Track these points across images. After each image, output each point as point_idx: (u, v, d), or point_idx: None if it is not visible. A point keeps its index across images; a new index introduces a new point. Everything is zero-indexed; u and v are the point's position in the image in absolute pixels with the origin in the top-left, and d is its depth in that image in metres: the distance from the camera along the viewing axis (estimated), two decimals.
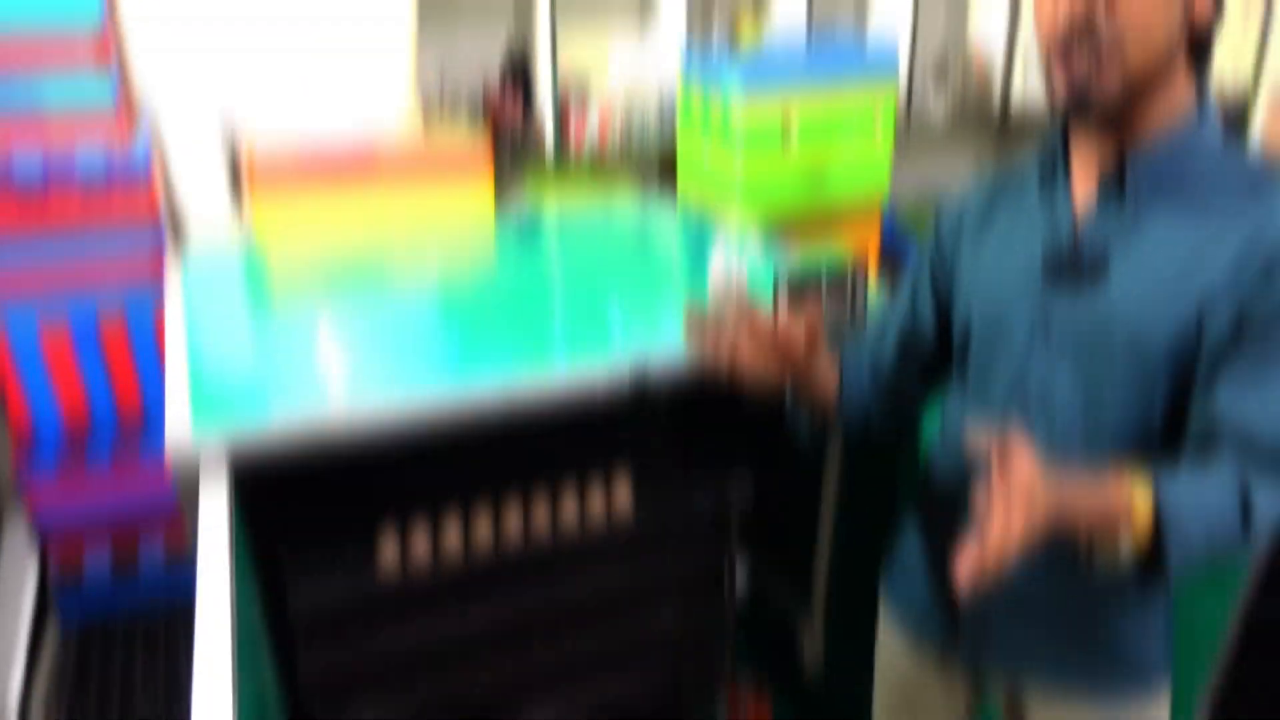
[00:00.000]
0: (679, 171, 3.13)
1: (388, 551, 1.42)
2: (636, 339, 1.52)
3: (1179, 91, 0.96)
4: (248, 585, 1.19)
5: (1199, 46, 0.96)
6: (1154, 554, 0.89)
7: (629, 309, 1.68)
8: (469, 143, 2.40)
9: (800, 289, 1.50)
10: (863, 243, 2.98)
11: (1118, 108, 0.94)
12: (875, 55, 2.82)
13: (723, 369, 1.18)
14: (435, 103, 3.07)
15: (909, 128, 3.75)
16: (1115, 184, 0.98)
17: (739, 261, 1.67)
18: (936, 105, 3.71)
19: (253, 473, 1.23)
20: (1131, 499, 0.88)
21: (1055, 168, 1.05)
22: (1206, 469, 0.93)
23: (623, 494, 1.60)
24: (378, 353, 1.50)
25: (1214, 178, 0.96)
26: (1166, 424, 1.01)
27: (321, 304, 1.75)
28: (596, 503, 1.57)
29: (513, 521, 1.51)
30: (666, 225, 2.31)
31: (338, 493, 1.62)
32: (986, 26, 3.73)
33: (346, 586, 1.39)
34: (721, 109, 2.70)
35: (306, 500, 1.59)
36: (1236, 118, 3.18)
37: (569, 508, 1.55)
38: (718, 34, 3.38)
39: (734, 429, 2.14)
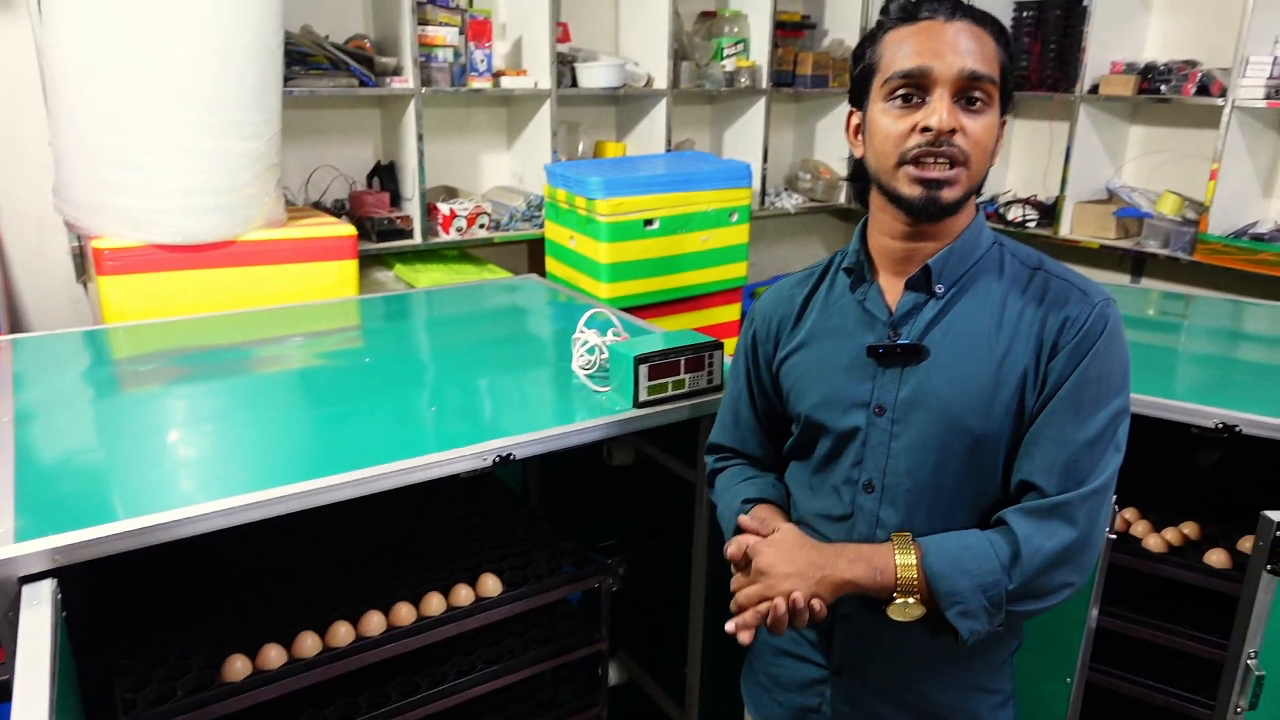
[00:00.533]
0: (547, 257, 3.20)
1: (236, 664, 1.32)
2: (503, 421, 1.50)
3: (971, 201, 1.12)
4: (72, 715, 1.08)
5: None
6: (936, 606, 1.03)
7: (496, 390, 1.67)
8: (334, 228, 2.37)
9: (661, 362, 1.55)
10: (723, 317, 3.16)
11: (956, 210, 1.07)
12: (731, 166, 3.04)
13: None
14: (301, 201, 3.03)
15: (766, 221, 4.08)
16: (924, 278, 1.11)
17: (600, 337, 1.69)
18: (788, 203, 3.98)
19: (82, 584, 1.13)
20: (897, 562, 1.04)
21: (863, 268, 1.16)
22: (972, 532, 1.07)
23: (490, 586, 1.55)
24: (230, 447, 1.42)
25: (996, 267, 1.12)
26: (1000, 489, 1.11)
27: (170, 394, 1.65)
28: (462, 597, 1.52)
29: (373, 622, 1.43)
30: (534, 305, 2.32)
31: (178, 604, 1.51)
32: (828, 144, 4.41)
33: (187, 707, 1.28)
34: (587, 204, 2.81)
35: (142, 613, 1.48)
36: (1049, 212, 3.67)
37: (434, 604, 1.49)
38: (582, 148, 3.56)
39: (605, 513, 2.15)
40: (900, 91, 1.04)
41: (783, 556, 1.07)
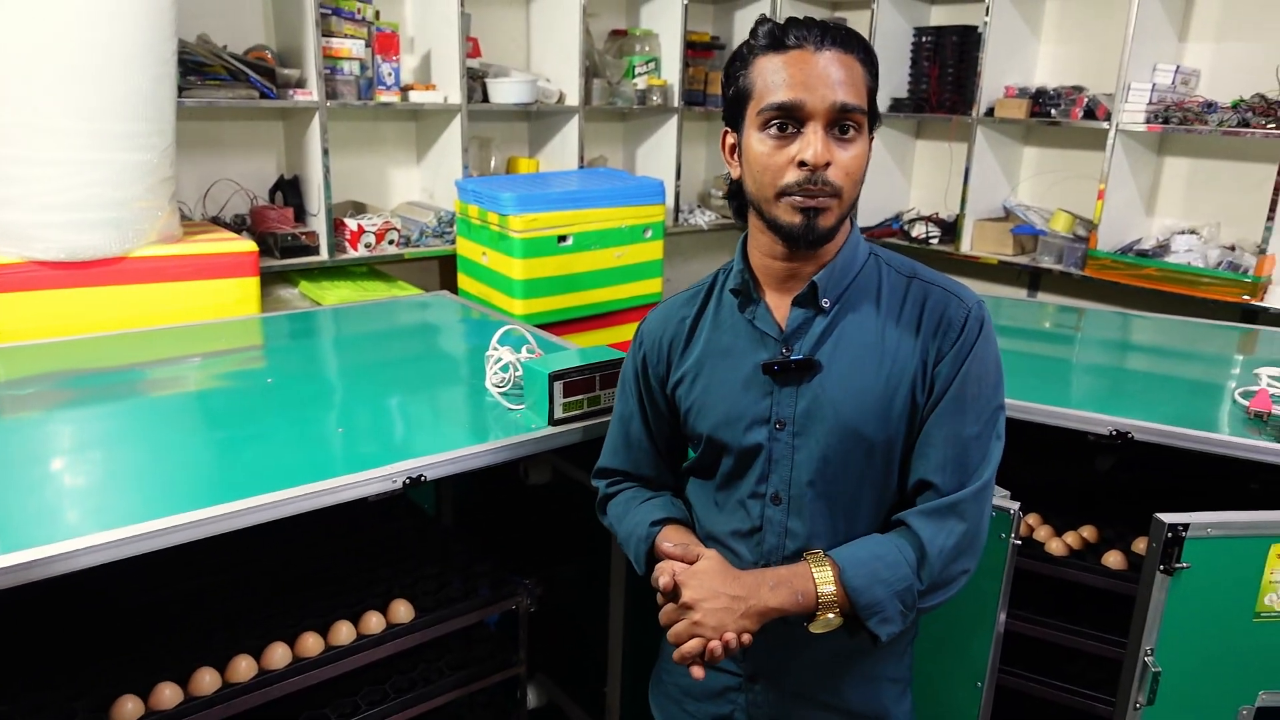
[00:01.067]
0: (459, 274, 3.15)
1: (126, 705, 1.24)
2: (414, 441, 1.45)
3: (847, 221, 1.17)
4: None
5: None
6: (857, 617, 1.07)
7: (407, 409, 1.62)
8: (233, 244, 2.28)
9: (576, 379, 1.53)
10: None
11: (833, 235, 1.11)
12: (644, 182, 3.06)
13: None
14: (199, 216, 2.91)
15: (680, 237, 4.15)
16: (811, 295, 1.14)
17: (514, 354, 1.67)
18: (701, 219, 4.03)
19: None
20: (816, 579, 1.07)
21: (750, 288, 1.18)
22: (878, 537, 1.12)
23: (402, 612, 1.50)
24: (120, 475, 1.34)
25: (875, 279, 1.16)
26: (900, 490, 1.15)
27: (55, 419, 1.55)
28: (373, 625, 1.47)
29: (278, 655, 1.37)
30: (446, 322, 2.28)
31: (65, 645, 1.41)
32: None
33: None
34: (500, 220, 2.77)
35: (24, 657, 1.38)
36: (951, 230, 3.79)
37: (343, 633, 1.43)
38: (494, 163, 3.53)
39: (522, 532, 2.11)
40: (775, 122, 1.06)
41: (708, 589, 1.08)
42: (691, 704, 1.27)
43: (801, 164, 1.05)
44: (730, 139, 1.15)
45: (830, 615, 1.06)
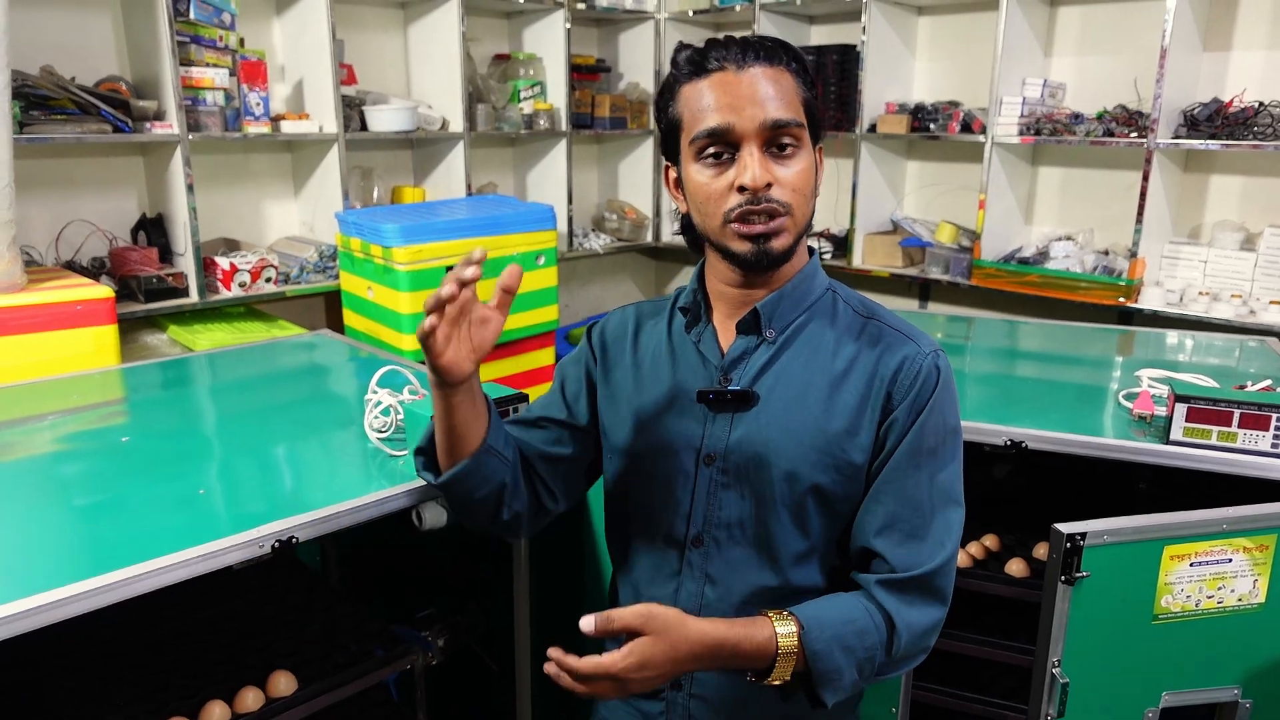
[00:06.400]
0: (345, 310, 3.01)
1: None
2: (286, 499, 1.34)
3: (804, 244, 1.10)
4: None
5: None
6: (811, 680, 0.96)
7: (280, 463, 1.50)
8: (86, 290, 2.10)
9: None
10: (537, 363, 3.09)
11: (789, 257, 1.05)
12: (534, 208, 3.00)
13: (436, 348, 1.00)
14: (51, 261, 2.70)
15: (576, 262, 4.09)
16: (754, 322, 1.08)
17: (395, 396, 1.57)
18: (596, 243, 3.98)
19: None
20: (776, 637, 0.95)
21: (699, 309, 1.13)
22: (851, 599, 1.01)
23: (283, 685, 1.38)
24: None
25: (829, 314, 1.09)
26: (837, 543, 1.08)
27: None
28: (249, 702, 1.34)
29: None
30: (330, 363, 2.15)
31: None
32: (631, 184, 4.46)
33: None
34: (384, 252, 2.66)
35: None
36: (843, 244, 3.86)
37: (215, 715, 1.30)
38: (378, 194, 3.41)
39: (420, 581, 2.00)
40: (709, 151, 1.01)
41: (668, 655, 0.92)
42: None
43: (741, 188, 1.00)
44: (672, 173, 1.10)
45: (784, 679, 0.96)
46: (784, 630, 0.95)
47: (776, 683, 0.96)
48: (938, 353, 1.06)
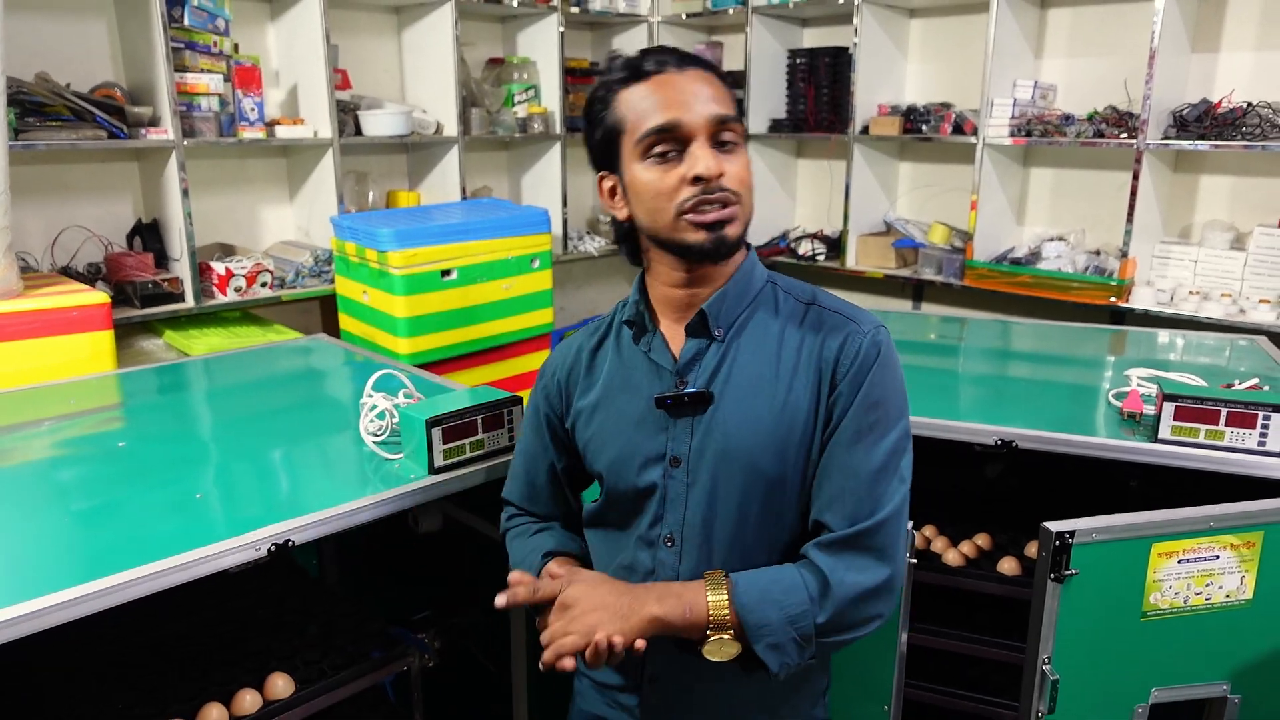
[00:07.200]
0: (340, 314, 3.02)
1: None
2: (282, 502, 1.35)
3: (744, 247, 1.13)
4: None
5: None
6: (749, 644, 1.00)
7: (276, 467, 1.51)
8: (81, 296, 2.11)
9: (455, 423, 1.46)
10: (532, 365, 3.09)
11: (741, 246, 1.08)
12: (528, 212, 3.01)
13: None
14: (47, 267, 2.70)
15: (571, 265, 4.09)
16: (701, 325, 1.10)
17: (390, 400, 1.58)
18: (591, 246, 3.99)
19: None
20: (709, 598, 1.00)
21: (644, 319, 1.15)
22: (787, 565, 1.05)
23: (280, 687, 1.39)
24: None
25: (772, 306, 1.12)
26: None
27: None
28: (247, 704, 1.35)
29: None
30: (325, 367, 2.16)
31: None
32: None
33: None
34: (379, 256, 2.67)
35: None
36: (835, 246, 3.88)
37: (213, 717, 1.31)
38: (373, 198, 3.42)
39: (417, 584, 2.01)
40: (657, 149, 1.04)
41: (590, 592, 1.03)
42: None
43: (696, 180, 1.02)
44: (608, 183, 1.12)
45: (724, 637, 0.99)
46: (715, 591, 1.01)
47: (725, 641, 0.99)
48: (878, 328, 1.08)
